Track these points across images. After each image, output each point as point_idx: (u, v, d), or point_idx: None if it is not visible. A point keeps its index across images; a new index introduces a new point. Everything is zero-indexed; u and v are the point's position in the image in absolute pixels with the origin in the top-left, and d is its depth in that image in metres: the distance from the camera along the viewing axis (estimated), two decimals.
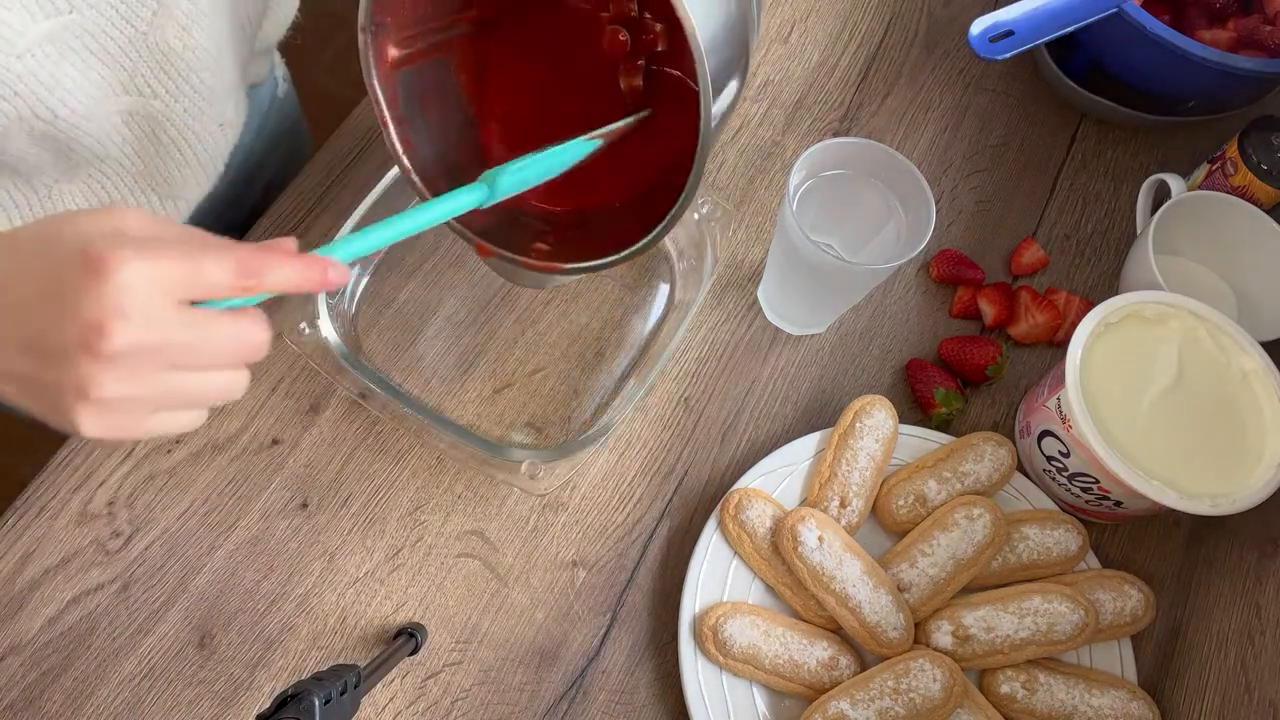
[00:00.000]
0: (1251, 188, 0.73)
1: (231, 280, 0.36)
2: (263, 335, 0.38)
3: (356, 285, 0.68)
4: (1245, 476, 0.61)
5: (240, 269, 0.36)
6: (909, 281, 0.77)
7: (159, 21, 0.50)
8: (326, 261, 0.38)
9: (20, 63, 0.46)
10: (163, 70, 0.53)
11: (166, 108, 0.55)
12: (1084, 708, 0.61)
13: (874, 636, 0.62)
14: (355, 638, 0.62)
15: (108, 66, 0.51)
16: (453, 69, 0.55)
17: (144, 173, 0.59)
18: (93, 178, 0.57)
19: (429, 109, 0.54)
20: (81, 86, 0.49)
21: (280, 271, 0.37)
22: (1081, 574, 0.65)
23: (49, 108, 0.48)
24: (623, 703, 0.63)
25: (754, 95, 0.82)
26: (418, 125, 0.54)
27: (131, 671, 0.59)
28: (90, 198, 0.58)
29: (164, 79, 0.53)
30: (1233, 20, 0.79)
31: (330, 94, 1.67)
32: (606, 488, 0.68)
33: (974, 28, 0.70)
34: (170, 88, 0.54)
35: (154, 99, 0.54)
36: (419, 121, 0.54)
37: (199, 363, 0.36)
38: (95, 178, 0.57)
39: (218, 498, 0.64)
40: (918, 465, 0.67)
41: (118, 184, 0.58)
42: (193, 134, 0.58)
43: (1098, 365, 0.64)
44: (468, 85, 0.57)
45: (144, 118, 0.55)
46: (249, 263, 0.36)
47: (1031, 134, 0.84)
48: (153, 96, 0.54)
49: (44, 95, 0.48)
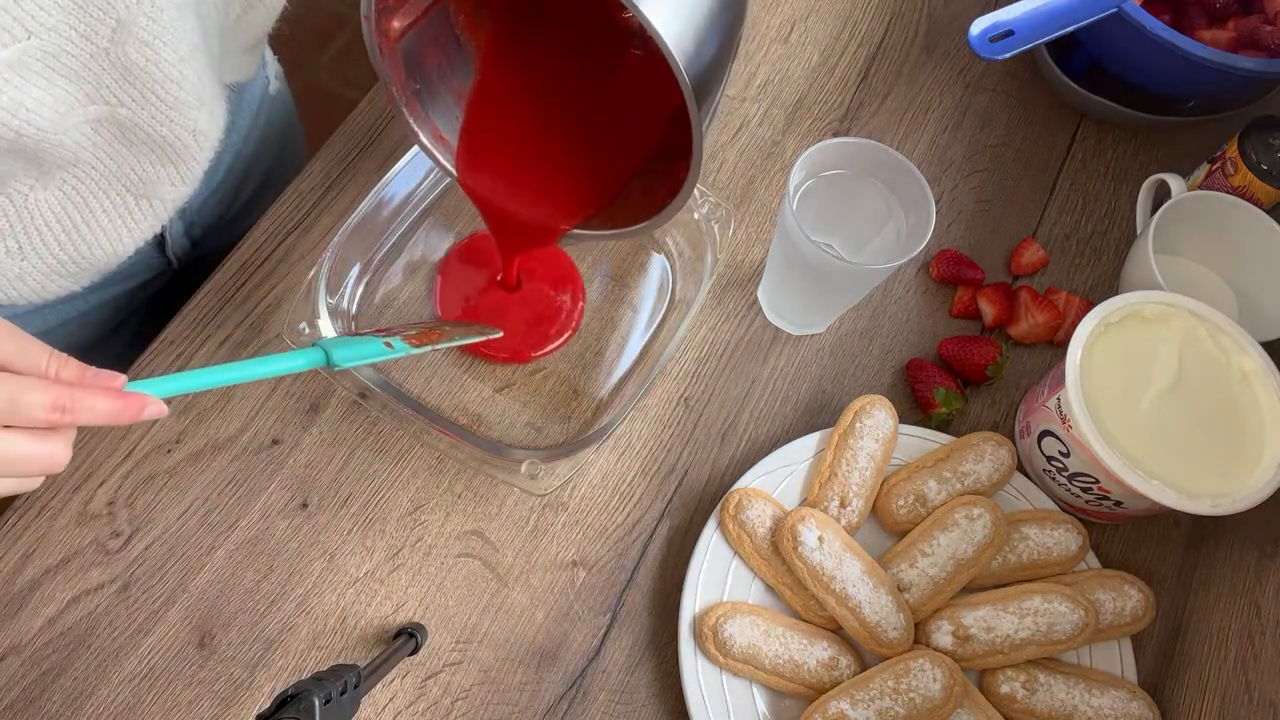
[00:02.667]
0: (1251, 188, 0.73)
1: (44, 415, 0.38)
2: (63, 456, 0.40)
3: (357, 285, 0.68)
4: (1245, 476, 0.61)
5: (54, 404, 0.38)
6: (909, 281, 0.77)
7: (119, 38, 0.49)
8: (144, 400, 0.40)
9: None
10: (128, 82, 0.52)
11: (134, 114, 0.54)
12: (1084, 708, 0.61)
13: (874, 636, 0.62)
14: (355, 638, 0.62)
15: (71, 82, 0.50)
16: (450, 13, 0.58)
17: (118, 174, 0.58)
18: (66, 182, 0.56)
19: (429, 61, 0.56)
20: (45, 103, 0.49)
21: (94, 408, 0.39)
22: (1081, 574, 0.65)
23: (13, 129, 0.48)
24: (623, 703, 0.63)
25: (754, 95, 0.82)
26: (425, 93, 0.57)
27: (131, 671, 0.59)
28: (65, 203, 0.57)
29: (129, 89, 0.53)
30: (1233, 20, 0.79)
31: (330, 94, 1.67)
32: (606, 488, 0.68)
33: (974, 28, 0.70)
34: (136, 97, 0.54)
35: (120, 107, 0.54)
36: (426, 87, 0.57)
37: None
38: (69, 182, 0.56)
39: (218, 498, 0.64)
40: (918, 465, 0.67)
41: (92, 188, 0.57)
42: (164, 140, 0.57)
43: (1098, 365, 0.64)
44: (466, 24, 0.59)
45: (112, 124, 0.54)
46: (63, 399, 0.38)
47: (1031, 134, 0.84)
48: (119, 105, 0.53)
49: (7, 119, 0.47)
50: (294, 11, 0.68)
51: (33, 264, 0.59)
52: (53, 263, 0.60)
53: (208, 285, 0.69)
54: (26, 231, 0.57)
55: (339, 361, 0.51)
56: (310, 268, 0.70)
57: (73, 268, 0.61)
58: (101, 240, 0.61)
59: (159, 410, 0.41)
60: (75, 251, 0.60)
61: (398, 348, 0.56)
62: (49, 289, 0.62)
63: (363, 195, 0.64)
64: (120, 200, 0.60)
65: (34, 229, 0.57)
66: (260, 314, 0.68)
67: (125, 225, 0.62)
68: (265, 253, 0.70)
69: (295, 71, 0.84)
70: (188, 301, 0.68)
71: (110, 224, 0.60)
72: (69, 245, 0.59)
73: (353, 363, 0.52)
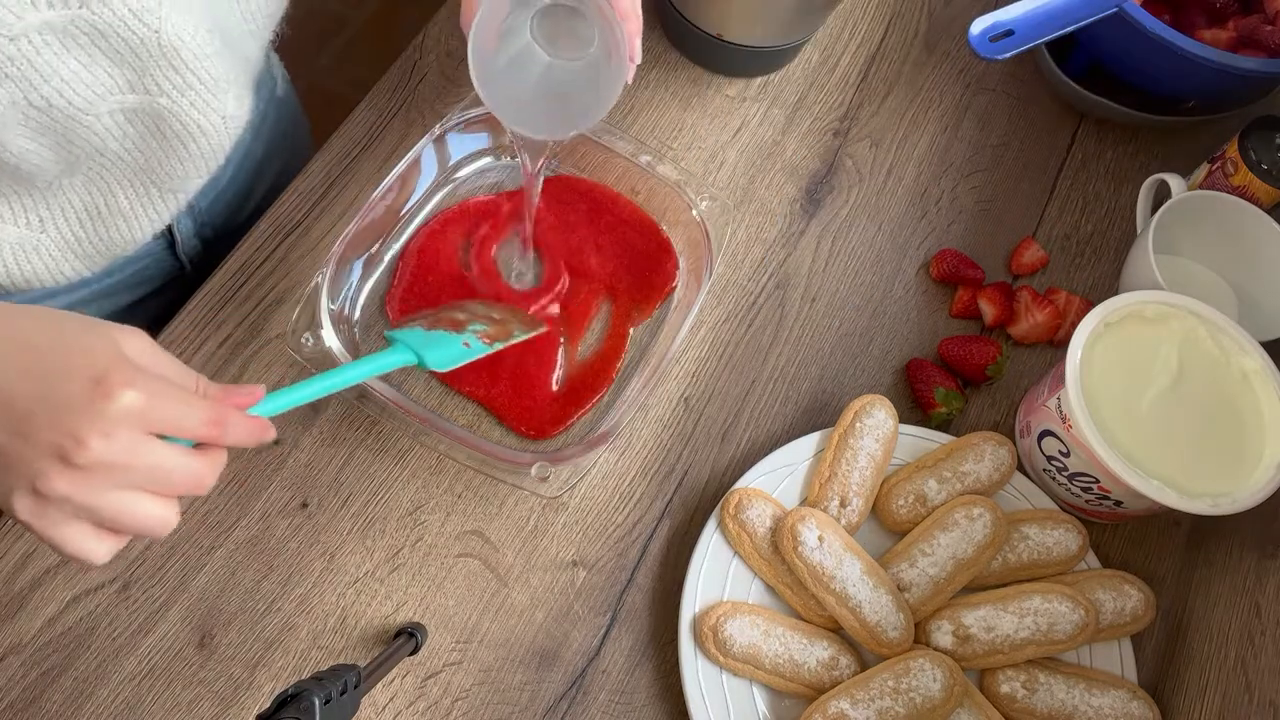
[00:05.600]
0: (1251, 187, 0.73)
1: (204, 430, 0.41)
2: (211, 477, 0.42)
3: (360, 286, 0.68)
4: (1245, 476, 0.61)
5: (212, 419, 0.41)
6: (909, 281, 0.77)
7: (166, 13, 0.50)
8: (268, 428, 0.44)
9: (14, 45, 0.46)
10: (171, 66, 0.53)
11: (173, 103, 0.56)
12: (1084, 708, 0.61)
13: (874, 636, 0.62)
14: (355, 638, 0.62)
15: (115, 65, 0.51)
16: None
17: (144, 168, 0.59)
18: (93, 170, 0.57)
19: None
20: (83, 79, 0.50)
21: (239, 426, 0.42)
22: (1081, 574, 0.65)
23: (43, 96, 0.48)
24: (623, 703, 0.63)
25: (754, 95, 0.82)
26: None
27: (131, 671, 0.59)
28: (90, 187, 0.58)
29: (171, 75, 0.54)
30: (1233, 20, 0.79)
31: (330, 94, 1.67)
32: (606, 488, 0.68)
33: (974, 28, 0.70)
34: (177, 83, 0.55)
35: (161, 96, 0.55)
36: None
37: (145, 485, 0.40)
38: (95, 171, 0.57)
39: (218, 497, 0.64)
40: (918, 465, 0.67)
41: (118, 178, 0.59)
42: (196, 128, 0.59)
43: (1098, 365, 0.64)
44: None
45: (148, 114, 0.55)
46: (220, 415, 0.41)
47: (1031, 134, 0.84)
48: (160, 94, 0.54)
49: (38, 83, 0.48)
50: (294, 12, 0.68)
51: (51, 238, 0.60)
52: (71, 240, 0.61)
53: (208, 285, 0.69)
54: (49, 208, 0.58)
55: (433, 365, 0.55)
56: (311, 268, 0.70)
57: (89, 248, 0.62)
58: (120, 225, 0.62)
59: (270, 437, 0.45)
60: (94, 232, 0.61)
61: (475, 348, 0.58)
62: (63, 269, 0.62)
63: (363, 196, 0.64)
64: (144, 190, 0.61)
65: (57, 207, 0.58)
66: (260, 314, 0.68)
67: (146, 214, 0.63)
68: (266, 252, 0.70)
69: (296, 72, 0.84)
70: (188, 301, 0.68)
71: (131, 211, 0.62)
72: (89, 225, 0.60)
73: (445, 366, 0.55)
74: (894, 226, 0.79)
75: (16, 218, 0.57)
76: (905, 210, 0.80)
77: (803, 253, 0.77)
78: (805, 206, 0.79)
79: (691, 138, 0.79)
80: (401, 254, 0.69)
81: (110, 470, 0.39)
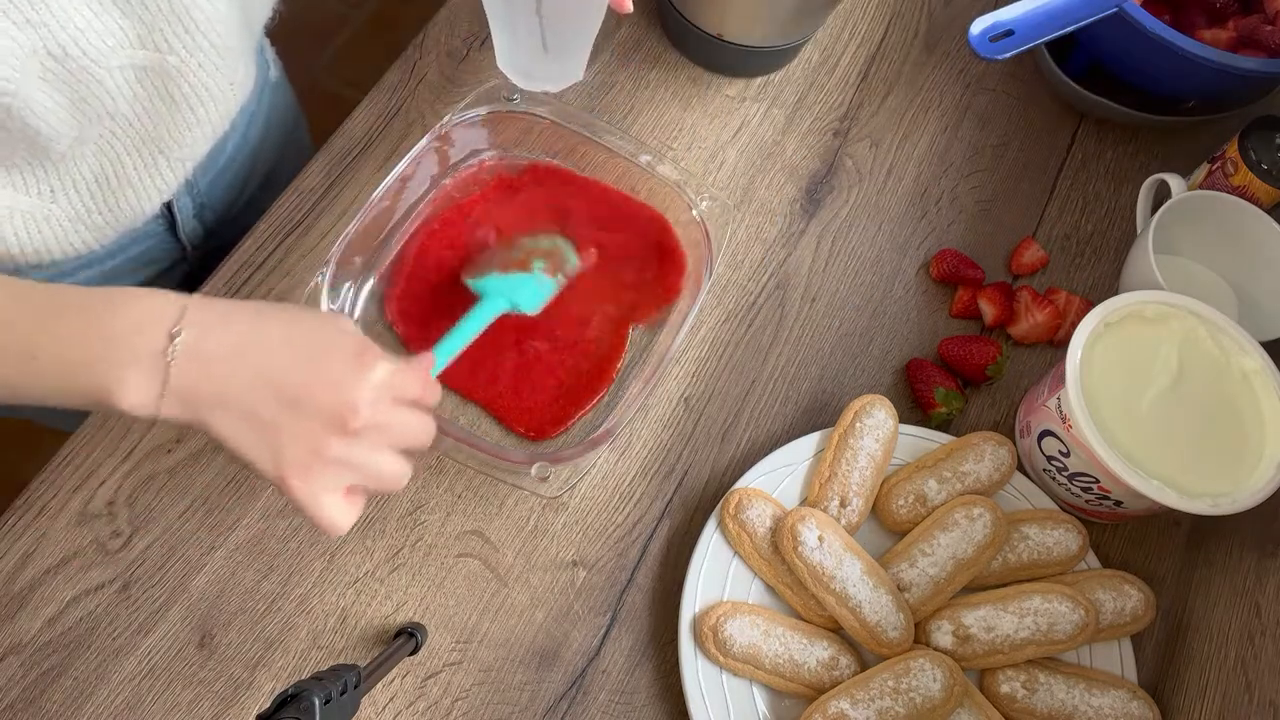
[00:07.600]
0: (1251, 187, 0.73)
1: (423, 393, 0.49)
2: (433, 432, 0.50)
3: (361, 287, 0.68)
4: (1245, 476, 0.61)
5: (425, 384, 0.49)
6: (909, 281, 0.77)
7: None
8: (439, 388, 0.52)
9: None
10: (181, 26, 0.55)
11: (182, 63, 0.57)
12: (1084, 708, 0.61)
13: (874, 636, 0.62)
14: (355, 638, 0.62)
15: (125, 17, 0.52)
16: None
17: (152, 135, 0.60)
18: (103, 138, 0.58)
19: None
20: (94, 28, 0.50)
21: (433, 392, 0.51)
22: (1081, 574, 0.65)
23: (60, 44, 0.49)
24: (623, 703, 0.63)
25: (754, 95, 0.82)
26: None
27: (132, 671, 0.59)
28: (98, 164, 0.59)
29: (181, 35, 0.55)
30: (1233, 20, 0.79)
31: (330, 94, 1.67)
32: (606, 488, 0.68)
33: (974, 28, 0.70)
34: (188, 43, 0.56)
35: (170, 54, 0.56)
36: None
37: (397, 443, 0.47)
38: (105, 139, 0.58)
39: (218, 497, 0.64)
40: (918, 465, 0.67)
41: (127, 146, 0.59)
42: (205, 91, 0.60)
43: (1098, 365, 0.64)
44: None
45: (157, 74, 0.56)
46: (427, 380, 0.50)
47: (1031, 134, 0.84)
48: (169, 52, 0.55)
49: (55, 30, 0.49)
50: (294, 11, 0.68)
51: (62, 208, 0.60)
52: (80, 211, 0.61)
53: (208, 284, 0.69)
54: (60, 178, 0.58)
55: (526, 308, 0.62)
56: (311, 268, 0.70)
57: (98, 219, 0.63)
58: (129, 194, 0.63)
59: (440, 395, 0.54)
60: (103, 202, 0.62)
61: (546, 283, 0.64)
62: (72, 241, 0.63)
63: (363, 196, 0.64)
64: (151, 159, 0.62)
65: (68, 177, 0.59)
66: None
67: (154, 183, 0.64)
68: (266, 251, 0.70)
69: (295, 71, 0.84)
70: None
71: (138, 179, 0.62)
72: (98, 195, 0.61)
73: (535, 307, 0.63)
74: (894, 226, 0.79)
75: (30, 188, 0.58)
76: (905, 210, 0.80)
77: (803, 253, 0.77)
78: (805, 206, 0.79)
79: (691, 138, 0.79)
80: (401, 254, 0.69)
81: (377, 430, 0.45)
